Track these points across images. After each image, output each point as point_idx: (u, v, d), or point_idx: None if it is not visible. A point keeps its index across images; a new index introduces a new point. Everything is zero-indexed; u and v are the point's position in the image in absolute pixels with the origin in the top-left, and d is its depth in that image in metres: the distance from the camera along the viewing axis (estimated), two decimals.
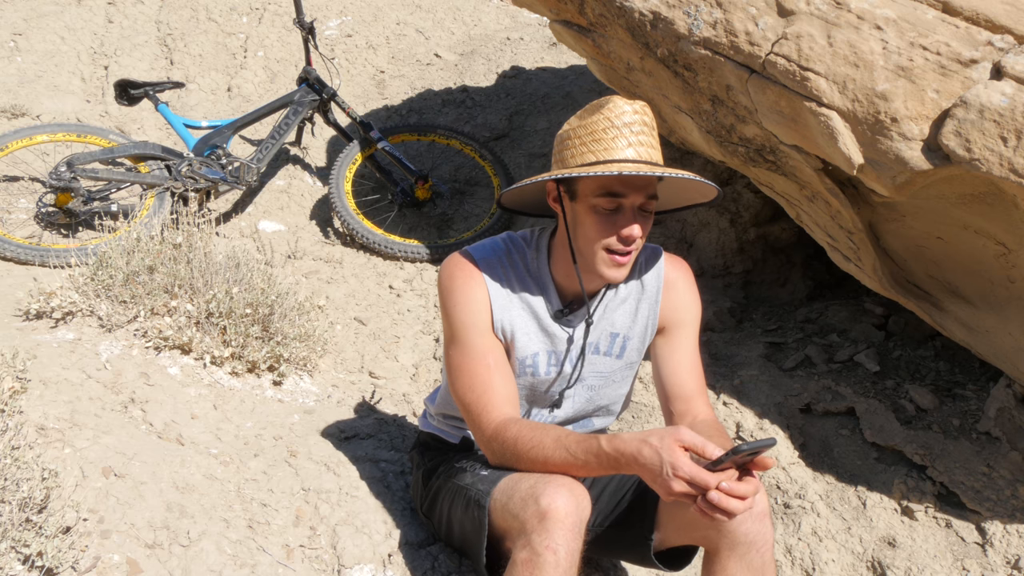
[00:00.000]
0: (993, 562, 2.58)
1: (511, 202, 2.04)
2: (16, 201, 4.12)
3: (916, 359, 3.36)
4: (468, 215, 4.52)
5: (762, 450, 1.52)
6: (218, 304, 2.80)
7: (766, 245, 4.05)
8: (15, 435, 1.91)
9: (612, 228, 1.79)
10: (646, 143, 1.77)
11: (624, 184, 1.76)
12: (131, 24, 5.59)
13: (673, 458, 1.54)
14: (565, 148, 1.83)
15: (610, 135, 1.76)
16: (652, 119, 1.81)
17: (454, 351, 1.90)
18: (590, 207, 1.80)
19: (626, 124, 1.76)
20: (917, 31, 2.26)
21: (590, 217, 1.81)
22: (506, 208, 2.06)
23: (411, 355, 3.49)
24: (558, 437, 1.72)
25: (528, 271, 1.95)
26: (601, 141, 1.77)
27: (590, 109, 1.82)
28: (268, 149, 4.32)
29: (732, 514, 1.52)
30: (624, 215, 1.78)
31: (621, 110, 1.77)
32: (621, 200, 1.77)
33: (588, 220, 1.81)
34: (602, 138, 1.77)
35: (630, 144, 1.75)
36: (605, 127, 1.77)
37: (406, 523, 2.18)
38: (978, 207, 2.43)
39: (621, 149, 1.75)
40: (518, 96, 5.29)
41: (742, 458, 1.52)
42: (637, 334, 2.01)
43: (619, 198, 1.77)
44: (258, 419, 2.61)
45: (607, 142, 1.76)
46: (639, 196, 1.77)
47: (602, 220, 1.79)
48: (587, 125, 1.79)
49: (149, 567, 1.82)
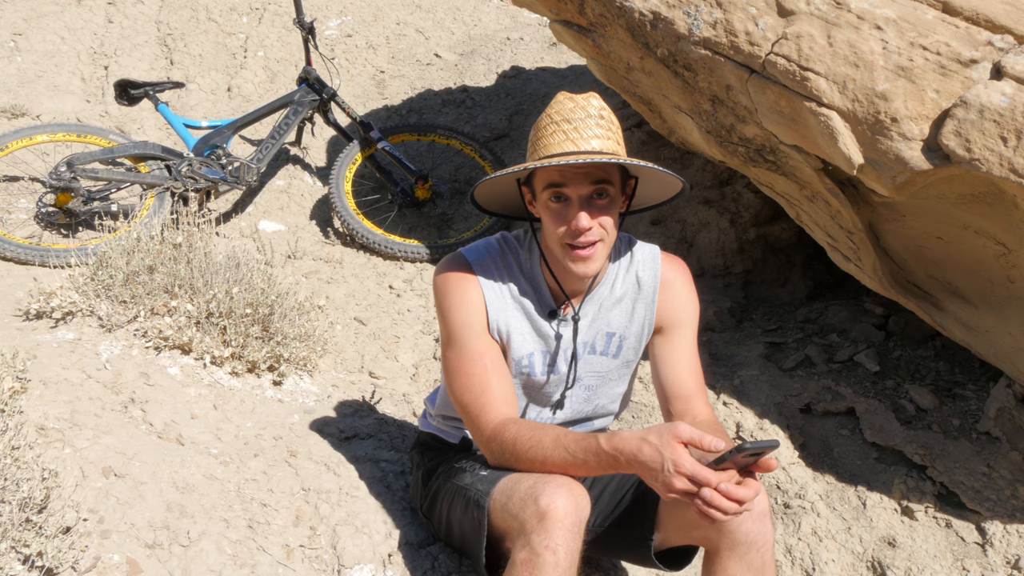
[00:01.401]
0: (993, 562, 2.58)
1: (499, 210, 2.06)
2: (16, 201, 4.12)
3: (916, 359, 3.36)
4: (468, 215, 4.52)
5: (766, 451, 1.52)
6: (218, 304, 2.80)
7: (766, 245, 4.05)
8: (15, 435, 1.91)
9: (563, 221, 1.80)
10: (590, 135, 1.78)
11: (562, 175, 1.77)
12: (131, 24, 5.59)
13: (675, 455, 1.53)
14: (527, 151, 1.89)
15: (549, 131, 1.80)
16: (600, 108, 1.82)
17: (451, 353, 1.90)
18: (544, 204, 1.83)
19: (565, 118, 1.79)
20: (917, 31, 2.26)
21: (545, 213, 1.84)
22: (494, 214, 2.07)
23: (411, 355, 3.49)
24: (556, 437, 1.72)
25: (522, 271, 1.96)
26: (542, 139, 1.81)
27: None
28: (268, 149, 4.32)
29: (726, 513, 1.52)
30: (572, 207, 1.79)
31: (560, 105, 1.81)
32: (564, 190, 1.78)
33: (545, 217, 1.84)
34: (542, 135, 1.81)
35: (569, 139, 1.78)
36: (546, 123, 1.82)
37: (406, 523, 2.18)
38: (978, 207, 2.43)
39: (558, 144, 1.78)
40: (518, 96, 5.29)
41: (744, 458, 1.51)
42: (633, 334, 2.01)
43: (561, 188, 1.78)
44: (258, 419, 2.61)
45: (546, 139, 1.80)
46: (582, 186, 1.77)
47: (554, 215, 1.81)
48: (536, 125, 1.85)
49: (149, 567, 1.82)
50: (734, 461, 1.53)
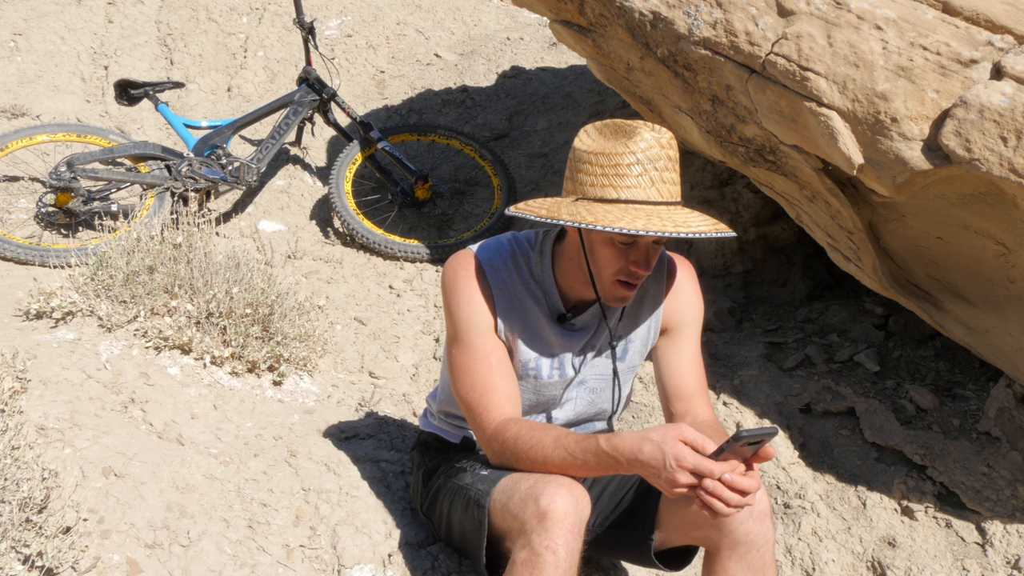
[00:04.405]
0: (993, 562, 2.58)
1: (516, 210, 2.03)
2: (16, 201, 4.12)
3: (916, 359, 3.36)
4: (468, 215, 4.52)
5: (764, 439, 1.51)
6: (218, 304, 2.80)
7: (766, 245, 4.05)
8: (15, 435, 1.91)
9: (625, 260, 1.77)
10: (668, 180, 1.72)
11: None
12: (131, 24, 5.59)
13: (676, 451, 1.53)
14: (582, 171, 1.74)
15: (635, 172, 1.68)
16: (676, 150, 1.74)
17: (456, 350, 1.90)
18: (607, 239, 1.77)
19: (651, 159, 1.69)
20: (917, 31, 2.26)
21: (606, 248, 1.78)
22: None
23: (411, 355, 3.49)
24: (557, 437, 1.72)
25: (532, 274, 1.95)
26: (625, 177, 1.69)
27: (613, 131, 1.74)
28: (268, 149, 4.32)
29: (728, 505, 1.52)
30: (638, 250, 1.76)
31: (648, 144, 1.69)
32: (637, 238, 1.75)
33: (603, 250, 1.79)
34: (626, 174, 1.69)
35: (653, 182, 1.69)
36: (630, 162, 1.69)
37: (406, 523, 2.18)
38: (978, 207, 2.43)
39: (644, 188, 1.69)
40: (518, 96, 5.29)
41: (743, 445, 1.51)
42: (640, 336, 2.01)
43: (635, 236, 1.74)
44: (258, 419, 2.61)
45: (631, 179, 1.69)
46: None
47: (617, 253, 1.77)
48: (610, 154, 1.70)
49: (149, 567, 1.82)
50: (733, 451, 1.52)
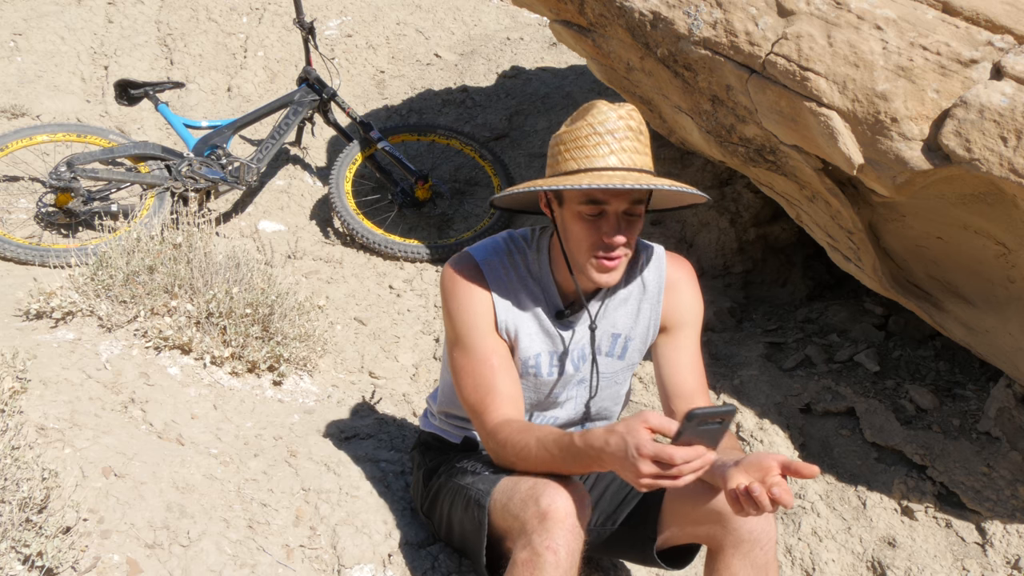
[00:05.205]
0: (993, 562, 2.58)
1: (507, 203, 2.04)
2: (16, 201, 4.12)
3: (916, 359, 3.36)
4: (468, 215, 4.52)
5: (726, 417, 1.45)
6: (218, 304, 2.80)
7: (766, 245, 4.05)
8: (15, 435, 1.91)
9: (597, 233, 1.79)
10: (630, 148, 1.76)
11: (605, 191, 1.75)
12: (131, 24, 5.59)
13: (637, 439, 1.48)
14: (553, 155, 1.84)
15: (592, 142, 1.76)
16: (640, 123, 1.80)
17: (458, 353, 1.90)
18: (575, 213, 1.80)
19: (609, 131, 1.76)
20: (917, 31, 2.26)
21: (576, 223, 1.81)
22: (502, 208, 2.06)
23: (411, 355, 3.49)
24: (539, 438, 1.72)
25: (529, 271, 1.95)
26: (583, 148, 1.77)
27: (577, 114, 1.82)
28: (268, 149, 4.31)
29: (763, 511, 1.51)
30: (608, 220, 1.78)
31: (604, 116, 1.76)
32: (604, 207, 1.77)
33: (574, 226, 1.81)
34: (584, 145, 1.77)
35: (612, 151, 1.75)
36: (588, 133, 1.77)
37: (406, 523, 2.18)
38: (978, 207, 2.43)
39: (603, 157, 1.75)
40: (518, 96, 5.29)
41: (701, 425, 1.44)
42: (639, 335, 2.01)
43: (602, 205, 1.77)
44: (258, 419, 2.61)
45: (589, 149, 1.76)
46: (622, 202, 1.77)
47: (587, 226, 1.79)
48: (572, 131, 1.79)
49: (149, 567, 1.82)
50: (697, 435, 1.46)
